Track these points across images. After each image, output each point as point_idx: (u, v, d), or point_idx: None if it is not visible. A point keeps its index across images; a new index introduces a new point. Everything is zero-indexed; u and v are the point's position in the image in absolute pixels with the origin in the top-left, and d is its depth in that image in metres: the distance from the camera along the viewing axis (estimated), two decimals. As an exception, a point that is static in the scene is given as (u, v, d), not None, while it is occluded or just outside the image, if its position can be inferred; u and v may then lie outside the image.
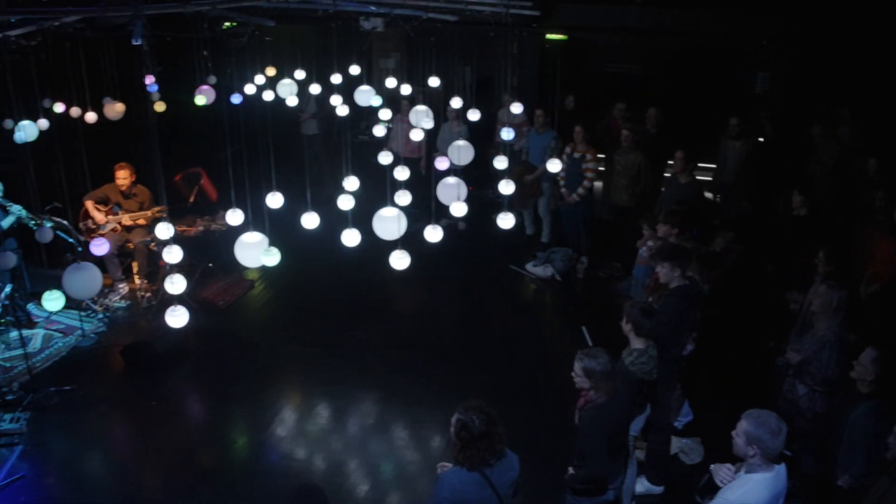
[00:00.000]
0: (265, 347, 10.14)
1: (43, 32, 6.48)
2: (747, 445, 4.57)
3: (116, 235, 10.99)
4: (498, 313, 10.74)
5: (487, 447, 4.74)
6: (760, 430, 4.52)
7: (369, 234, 6.23)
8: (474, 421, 4.72)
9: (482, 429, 4.71)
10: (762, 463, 4.57)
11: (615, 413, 5.62)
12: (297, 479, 7.59)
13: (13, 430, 8.38)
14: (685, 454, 7.81)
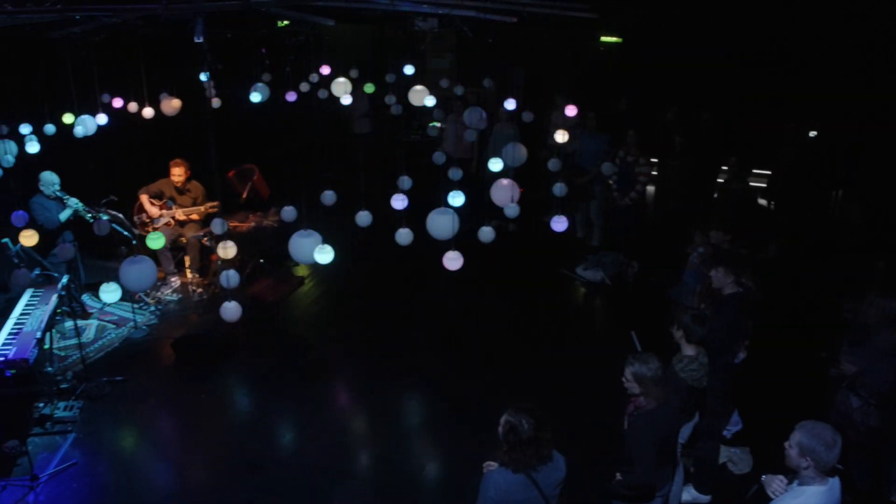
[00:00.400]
0: (313, 344, 10.21)
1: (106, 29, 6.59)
2: (801, 457, 4.49)
3: (170, 230, 11.14)
4: (547, 316, 10.69)
5: (534, 452, 4.72)
6: (815, 441, 4.45)
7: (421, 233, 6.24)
8: (523, 424, 4.69)
9: (530, 433, 4.69)
10: (816, 476, 4.49)
11: (665, 420, 5.56)
12: (341, 476, 7.62)
13: (67, 418, 8.54)
14: (733, 463, 7.70)
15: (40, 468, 7.71)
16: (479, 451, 7.75)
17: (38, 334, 8.22)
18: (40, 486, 7.50)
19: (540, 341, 9.98)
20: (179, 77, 11.16)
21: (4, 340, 8.16)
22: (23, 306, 8.84)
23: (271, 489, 7.47)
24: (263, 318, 10.36)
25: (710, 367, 6.39)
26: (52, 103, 9.66)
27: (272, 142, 15.01)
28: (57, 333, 9.59)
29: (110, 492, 7.55)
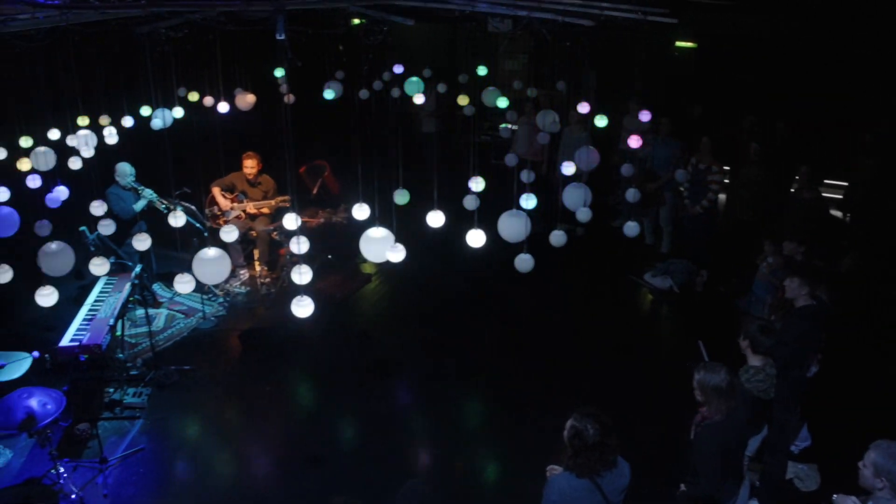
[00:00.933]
0: (378, 341, 10.25)
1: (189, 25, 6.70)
2: (875, 478, 4.39)
3: (240, 223, 11.28)
4: (613, 322, 10.58)
5: (599, 457, 4.68)
6: (891, 462, 4.33)
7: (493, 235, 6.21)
8: (588, 430, 4.65)
9: (595, 439, 4.64)
10: (891, 497, 4.37)
11: (732, 432, 5.47)
12: (402, 474, 7.63)
13: (135, 405, 8.71)
14: (801, 480, 7.54)
15: (109, 452, 7.88)
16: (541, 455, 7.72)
17: (110, 321, 8.40)
18: (108, 469, 7.66)
19: (606, 347, 9.88)
20: (255, 73, 11.29)
21: (79, 326, 8.36)
22: (97, 294, 9.04)
23: (332, 483, 7.52)
24: (330, 314, 10.44)
25: (780, 379, 6.28)
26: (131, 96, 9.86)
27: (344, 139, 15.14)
28: (128, 321, 9.78)
29: (175, 478, 7.69)
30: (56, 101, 8.45)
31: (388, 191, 6.65)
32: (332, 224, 11.42)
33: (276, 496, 7.43)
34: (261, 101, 11.04)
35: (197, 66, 10.17)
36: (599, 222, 11.04)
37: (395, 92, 10.69)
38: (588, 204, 6.42)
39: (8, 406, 6.98)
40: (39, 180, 8.17)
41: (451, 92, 11.70)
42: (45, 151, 8.42)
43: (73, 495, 7.29)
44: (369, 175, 6.18)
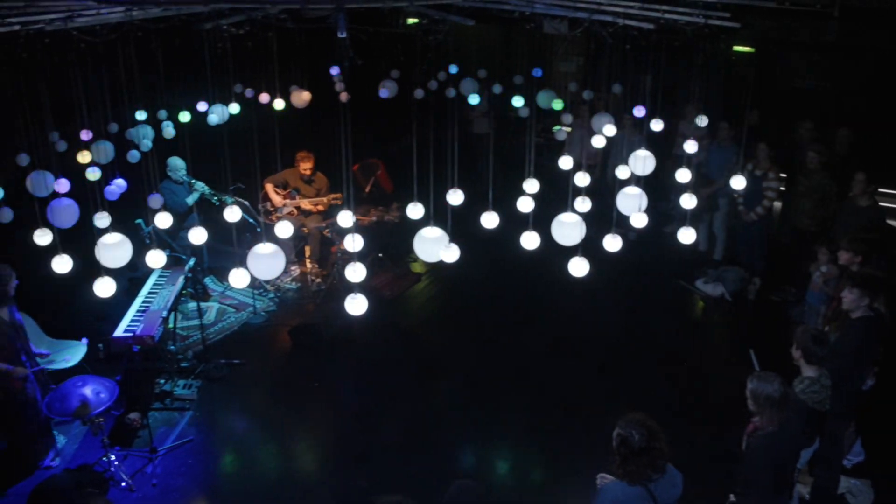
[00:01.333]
0: (427, 341, 10.28)
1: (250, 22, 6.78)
2: None
3: (293, 219, 11.35)
4: (663, 328, 10.47)
5: (648, 463, 4.63)
6: None
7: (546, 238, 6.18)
8: (634, 436, 4.61)
9: (642, 444, 4.60)
10: None
11: (784, 444, 5.38)
12: (448, 475, 7.62)
13: (185, 396, 8.82)
14: (853, 496, 7.39)
15: (159, 442, 7.99)
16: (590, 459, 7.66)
17: (163, 313, 8.51)
18: (158, 459, 7.77)
19: (656, 352, 9.79)
20: (311, 71, 11.35)
21: (133, 317, 8.47)
22: (150, 286, 9.16)
23: (378, 481, 7.54)
24: (379, 313, 10.48)
25: (834, 391, 6.15)
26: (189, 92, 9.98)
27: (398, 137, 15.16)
28: (180, 314, 9.90)
29: (222, 471, 7.78)
30: (116, 95, 8.58)
31: (442, 190, 6.63)
32: (383, 222, 11.43)
33: (321, 492, 7.48)
34: (316, 98, 11.09)
35: (254, 63, 10.24)
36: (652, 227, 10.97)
37: (451, 92, 10.68)
38: (644, 209, 6.36)
39: (63, 393, 7.12)
40: (99, 173, 8.29)
41: (506, 93, 11.66)
42: (105, 145, 8.56)
43: (122, 483, 7.42)
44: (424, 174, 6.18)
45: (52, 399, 7.11)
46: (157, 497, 7.36)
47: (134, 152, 9.11)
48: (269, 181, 11.47)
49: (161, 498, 7.35)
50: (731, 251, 12.05)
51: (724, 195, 11.81)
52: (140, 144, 9.03)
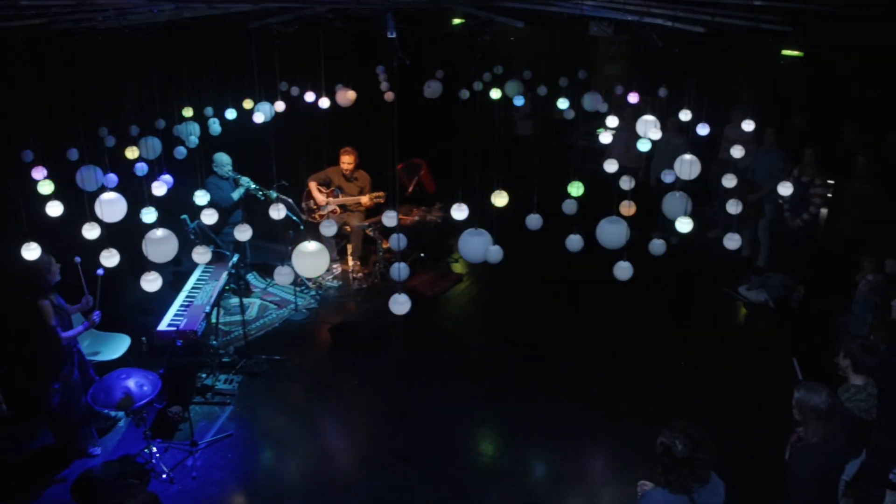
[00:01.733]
0: (468, 342, 10.26)
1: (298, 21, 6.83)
2: None
3: (335, 217, 11.40)
4: (705, 334, 10.38)
5: (690, 473, 4.58)
6: None
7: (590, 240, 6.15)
8: (677, 445, 4.56)
9: (685, 454, 4.55)
10: None
11: (829, 455, 5.30)
12: (487, 477, 7.62)
13: (226, 391, 8.89)
14: (898, 510, 7.28)
15: (199, 435, 8.07)
16: (631, 467, 7.64)
17: (206, 308, 8.59)
18: (198, 452, 7.85)
19: (697, 358, 9.69)
20: (356, 70, 11.39)
21: (176, 312, 8.56)
22: (194, 281, 9.25)
23: (416, 481, 7.55)
24: (420, 312, 10.49)
25: (881, 402, 6.06)
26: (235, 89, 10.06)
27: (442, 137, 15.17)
28: (222, 309, 9.97)
29: (261, 466, 7.81)
30: (164, 91, 8.68)
31: (486, 191, 6.63)
32: (425, 222, 11.46)
33: (359, 490, 7.48)
34: (361, 98, 11.13)
35: (300, 62, 10.31)
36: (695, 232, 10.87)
37: (495, 93, 10.67)
38: (688, 213, 6.31)
39: (108, 385, 7.22)
40: (146, 168, 8.39)
41: (551, 95, 11.62)
42: (152, 141, 8.66)
43: (163, 475, 7.50)
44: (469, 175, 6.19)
45: (97, 390, 7.22)
46: (197, 490, 7.42)
47: (181, 149, 9.21)
48: (313, 179, 11.54)
49: (200, 491, 7.41)
50: (775, 258, 11.90)
51: (770, 201, 11.67)
52: (187, 141, 9.12)
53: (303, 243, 5.15)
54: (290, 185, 10.71)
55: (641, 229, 6.78)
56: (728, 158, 11.71)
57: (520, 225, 6.80)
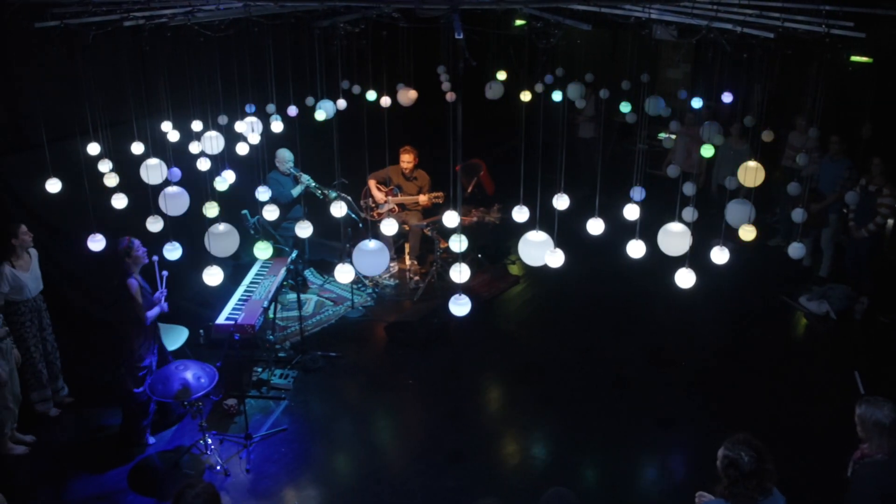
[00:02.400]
0: (523, 344, 10.23)
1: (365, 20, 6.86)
2: None
3: (393, 216, 11.43)
4: (763, 343, 10.20)
5: (757, 485, 4.49)
6: None
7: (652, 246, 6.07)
8: (743, 458, 4.47)
9: (752, 466, 4.46)
10: None
11: (894, 474, 5.17)
12: (538, 481, 7.58)
13: (281, 386, 8.98)
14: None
15: (254, 429, 8.16)
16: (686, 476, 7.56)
17: (264, 303, 8.68)
18: (253, 446, 7.93)
19: (754, 368, 9.54)
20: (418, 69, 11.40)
21: (235, 305, 8.66)
22: (253, 276, 9.35)
23: (469, 482, 7.54)
24: (476, 313, 10.45)
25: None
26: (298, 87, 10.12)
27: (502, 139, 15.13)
28: (280, 304, 10.06)
29: (314, 462, 7.87)
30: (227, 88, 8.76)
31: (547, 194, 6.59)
32: (484, 223, 11.45)
33: (411, 489, 7.49)
34: (422, 97, 11.14)
35: (362, 60, 10.35)
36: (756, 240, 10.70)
37: (557, 95, 10.62)
38: (752, 221, 6.21)
39: (166, 376, 7.33)
40: (208, 163, 8.49)
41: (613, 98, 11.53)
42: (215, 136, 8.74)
43: (217, 467, 7.59)
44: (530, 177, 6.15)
45: (155, 381, 7.33)
46: (250, 483, 7.51)
47: (243, 144, 9.29)
48: (373, 177, 11.59)
49: (253, 484, 7.50)
50: (837, 268, 11.67)
51: (834, 210, 11.45)
52: (249, 137, 9.20)
53: (364, 241, 5.16)
54: (350, 183, 10.77)
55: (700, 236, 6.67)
56: (792, 166, 11.54)
57: (581, 229, 6.74)
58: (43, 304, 8.25)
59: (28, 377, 8.13)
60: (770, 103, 9.52)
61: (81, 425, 8.39)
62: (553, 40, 7.48)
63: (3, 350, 7.57)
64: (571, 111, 13.34)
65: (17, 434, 7.94)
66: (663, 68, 15.98)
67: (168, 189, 6.84)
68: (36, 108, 7.81)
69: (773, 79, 9.47)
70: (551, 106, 10.83)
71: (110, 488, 7.44)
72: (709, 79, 11.58)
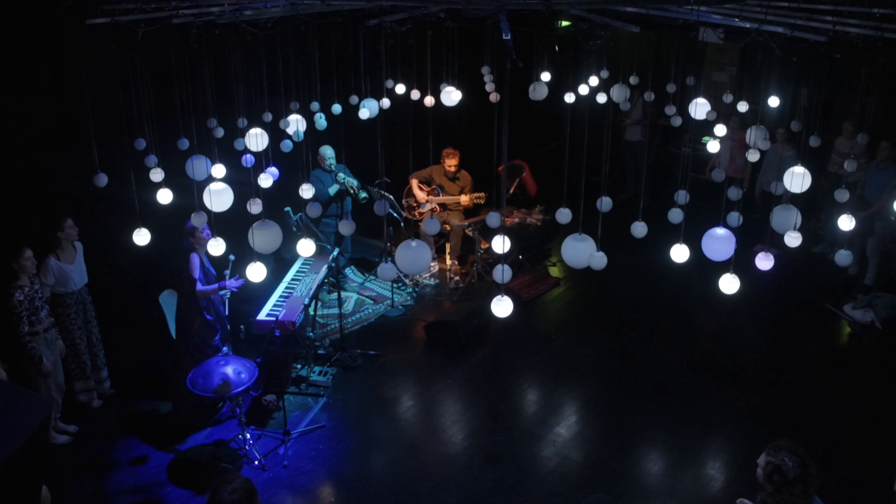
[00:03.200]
0: (561, 347, 10.18)
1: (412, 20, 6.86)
2: None
3: (435, 216, 11.44)
4: (805, 351, 10.06)
5: (802, 491, 4.43)
6: None
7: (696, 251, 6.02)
8: (787, 464, 4.42)
9: (797, 472, 4.40)
10: None
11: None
12: (574, 484, 7.55)
13: (320, 383, 9.03)
14: None
15: (292, 425, 8.22)
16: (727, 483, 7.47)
17: (305, 301, 8.71)
18: (290, 442, 8.00)
19: (797, 376, 9.42)
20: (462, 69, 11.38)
21: (276, 302, 8.71)
22: (294, 272, 9.40)
23: (506, 484, 7.53)
24: (516, 315, 10.43)
25: None
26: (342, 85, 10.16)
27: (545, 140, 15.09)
28: (320, 302, 10.10)
29: (351, 459, 7.90)
30: (273, 85, 8.82)
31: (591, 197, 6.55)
32: (525, 224, 11.42)
33: (446, 488, 7.51)
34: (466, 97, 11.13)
35: (408, 60, 10.36)
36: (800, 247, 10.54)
37: (601, 97, 10.54)
38: (797, 227, 6.12)
39: (207, 371, 7.39)
40: (252, 160, 8.54)
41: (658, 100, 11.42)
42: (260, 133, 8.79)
43: (255, 461, 7.66)
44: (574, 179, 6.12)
45: (196, 375, 7.39)
46: (288, 478, 7.56)
47: (287, 142, 9.34)
48: (415, 177, 11.61)
49: (291, 480, 7.55)
50: (884, 276, 11.48)
51: (881, 218, 11.26)
52: (293, 135, 9.25)
53: (406, 241, 5.16)
54: (392, 182, 10.79)
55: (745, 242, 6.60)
56: (838, 172, 11.36)
57: (624, 231, 6.70)
58: (88, 297, 8.38)
59: (72, 368, 8.27)
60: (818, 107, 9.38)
61: (123, 417, 8.50)
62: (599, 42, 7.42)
63: (49, 341, 7.72)
64: (618, 114, 13.27)
65: (60, 424, 8.07)
66: (709, 71, 15.81)
67: (212, 185, 6.89)
68: (84, 103, 7.91)
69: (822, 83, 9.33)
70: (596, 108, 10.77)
71: (149, 480, 7.54)
72: (755, 82, 11.46)
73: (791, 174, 6.71)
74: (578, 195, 5.96)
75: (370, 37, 9.15)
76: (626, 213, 7.10)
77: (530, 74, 9.97)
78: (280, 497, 7.35)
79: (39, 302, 7.64)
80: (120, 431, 8.27)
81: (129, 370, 9.10)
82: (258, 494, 4.32)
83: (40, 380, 7.69)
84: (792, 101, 10.03)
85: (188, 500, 7.28)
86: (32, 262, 7.57)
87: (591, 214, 6.08)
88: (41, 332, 7.63)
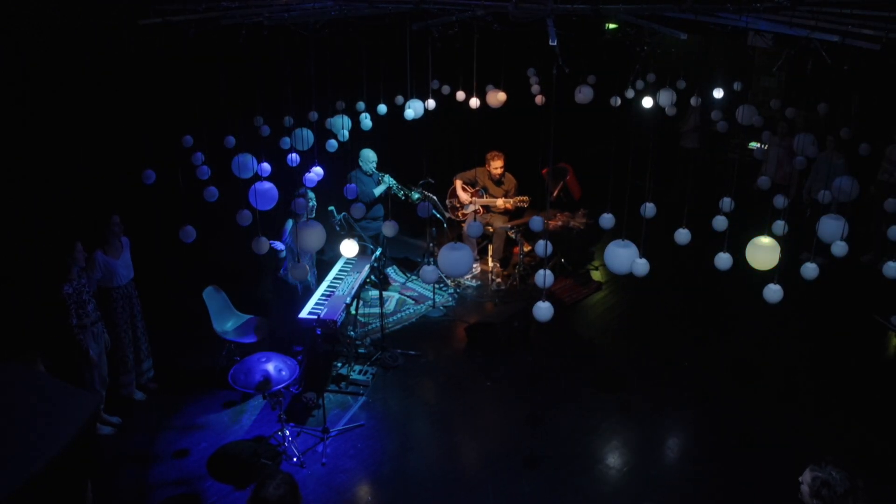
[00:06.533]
0: (602, 352, 10.14)
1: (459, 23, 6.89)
2: None
3: (478, 217, 11.44)
4: (850, 362, 9.92)
5: (852, 504, 4.36)
6: None
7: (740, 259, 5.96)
8: (835, 477, 4.33)
9: (846, 486, 4.32)
10: None
11: None
12: (613, 491, 7.51)
13: (360, 382, 9.06)
14: None
15: (331, 423, 8.25)
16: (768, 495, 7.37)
17: (347, 299, 8.75)
18: (329, 440, 8.02)
19: (838, 387, 9.27)
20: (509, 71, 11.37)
21: (317, 301, 8.76)
22: (336, 271, 9.45)
23: (544, 490, 7.49)
24: (557, 318, 10.39)
25: None
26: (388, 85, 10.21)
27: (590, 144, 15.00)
28: (361, 301, 10.15)
29: (389, 459, 7.90)
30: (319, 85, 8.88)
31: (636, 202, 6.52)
32: (569, 228, 11.39)
33: (483, 491, 7.47)
34: (511, 99, 11.13)
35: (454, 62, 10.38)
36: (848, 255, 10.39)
37: (648, 102, 10.49)
38: (845, 237, 6.05)
39: (248, 367, 7.46)
40: (298, 159, 8.61)
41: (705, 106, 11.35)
42: (305, 132, 8.86)
43: (294, 458, 7.70)
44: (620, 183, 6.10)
45: (237, 371, 7.46)
46: (326, 476, 7.58)
47: (332, 142, 9.40)
48: (459, 178, 11.63)
49: (329, 477, 7.57)
50: (933, 287, 11.28)
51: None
52: (338, 134, 9.30)
53: (450, 243, 5.18)
54: (436, 183, 10.80)
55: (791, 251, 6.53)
56: (889, 180, 11.19)
57: (668, 238, 6.65)
58: (134, 292, 8.51)
59: (116, 361, 8.40)
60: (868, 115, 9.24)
61: (165, 411, 8.60)
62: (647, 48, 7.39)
63: (95, 334, 7.85)
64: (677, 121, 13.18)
65: (103, 415, 8.19)
66: (757, 77, 15.65)
67: (258, 184, 6.97)
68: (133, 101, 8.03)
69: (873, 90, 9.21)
70: (642, 112, 10.72)
71: (190, 473, 7.61)
72: (804, 88, 11.33)
73: (840, 182, 6.62)
74: (623, 200, 5.94)
75: (417, 38, 9.19)
76: (672, 217, 7.05)
77: (576, 77, 9.96)
78: (319, 494, 7.37)
79: (87, 296, 7.78)
80: (162, 425, 8.37)
81: (173, 365, 9.22)
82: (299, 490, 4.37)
83: (86, 372, 7.83)
84: (841, 108, 9.91)
85: (228, 495, 7.33)
86: (83, 256, 7.71)
87: (636, 219, 6.05)
88: (88, 326, 7.77)
